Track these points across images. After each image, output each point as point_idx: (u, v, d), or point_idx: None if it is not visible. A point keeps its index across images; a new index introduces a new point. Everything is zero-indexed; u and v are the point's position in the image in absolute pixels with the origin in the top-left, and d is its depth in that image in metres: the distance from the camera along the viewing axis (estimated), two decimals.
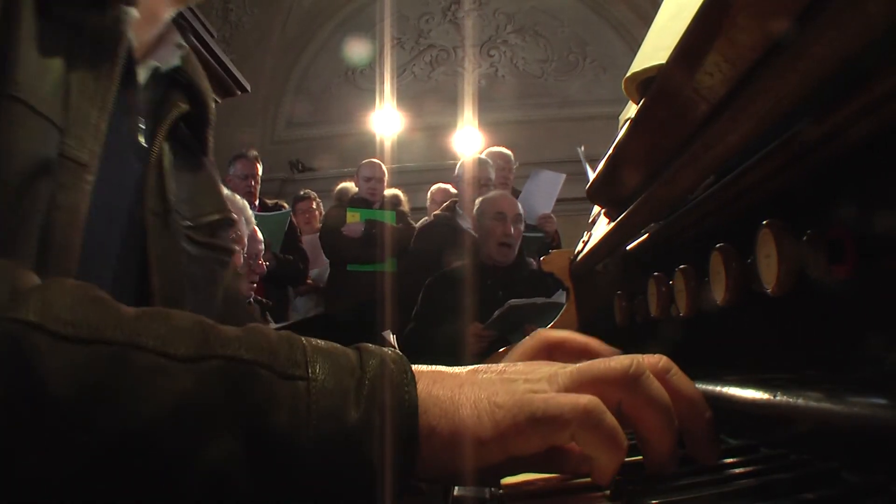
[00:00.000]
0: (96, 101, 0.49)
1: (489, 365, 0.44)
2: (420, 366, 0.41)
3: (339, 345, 0.40)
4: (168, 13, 0.59)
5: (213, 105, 0.63)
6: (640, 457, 0.43)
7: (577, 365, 0.42)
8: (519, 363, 0.44)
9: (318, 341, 0.39)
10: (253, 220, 1.80)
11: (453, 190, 4.08)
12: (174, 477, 0.33)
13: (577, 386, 0.40)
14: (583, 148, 2.86)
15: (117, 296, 0.37)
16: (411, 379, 0.39)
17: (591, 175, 0.86)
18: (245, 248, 1.72)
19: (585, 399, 0.38)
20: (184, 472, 0.33)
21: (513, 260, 2.55)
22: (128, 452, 0.32)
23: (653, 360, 0.42)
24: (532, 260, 2.71)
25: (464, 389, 0.39)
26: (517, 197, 3.18)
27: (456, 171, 3.27)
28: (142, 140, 0.56)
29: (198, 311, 0.59)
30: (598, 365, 0.41)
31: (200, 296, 0.60)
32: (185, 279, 0.57)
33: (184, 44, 0.60)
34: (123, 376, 0.33)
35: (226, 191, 1.72)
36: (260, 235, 1.85)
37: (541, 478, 0.48)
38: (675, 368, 0.43)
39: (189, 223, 0.60)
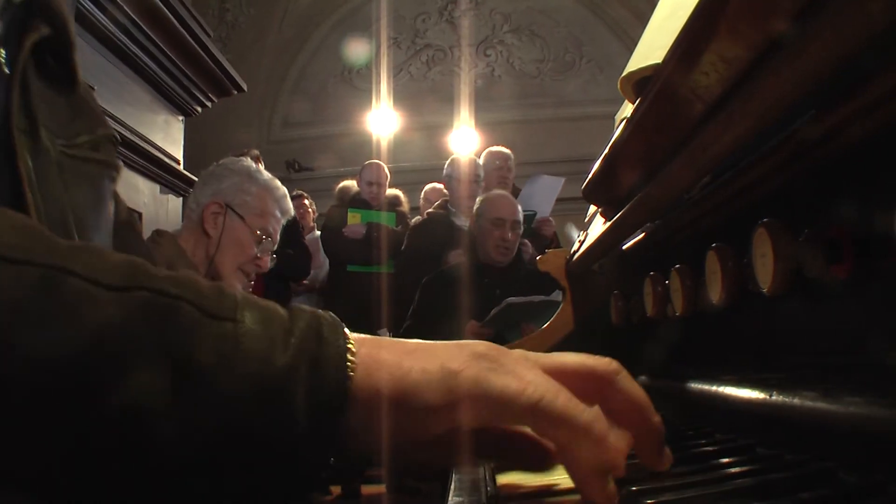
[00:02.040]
0: None
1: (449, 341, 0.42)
2: (363, 334, 0.39)
3: (272, 302, 0.39)
4: None
5: (73, 27, 0.61)
6: (635, 458, 0.42)
7: (549, 354, 0.40)
8: (482, 343, 0.41)
9: (251, 296, 0.38)
10: (291, 211, 1.77)
11: (447, 190, 4.09)
12: (93, 406, 0.32)
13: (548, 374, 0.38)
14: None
15: None
16: (341, 333, 0.38)
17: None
18: (276, 243, 1.71)
19: (545, 384, 0.37)
20: (103, 402, 0.32)
21: (510, 260, 2.55)
22: (46, 377, 0.32)
23: (603, 362, 0.41)
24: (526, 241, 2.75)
25: (415, 355, 0.38)
26: (517, 196, 3.19)
27: (445, 171, 3.26)
28: (5, 69, 0.55)
29: (86, 229, 0.57)
30: (572, 358, 0.40)
31: (85, 213, 0.59)
32: (63, 197, 0.56)
33: None
34: (49, 299, 0.33)
35: (267, 176, 1.70)
36: None
37: (537, 479, 0.48)
38: (624, 372, 0.41)
39: (64, 142, 0.59)
